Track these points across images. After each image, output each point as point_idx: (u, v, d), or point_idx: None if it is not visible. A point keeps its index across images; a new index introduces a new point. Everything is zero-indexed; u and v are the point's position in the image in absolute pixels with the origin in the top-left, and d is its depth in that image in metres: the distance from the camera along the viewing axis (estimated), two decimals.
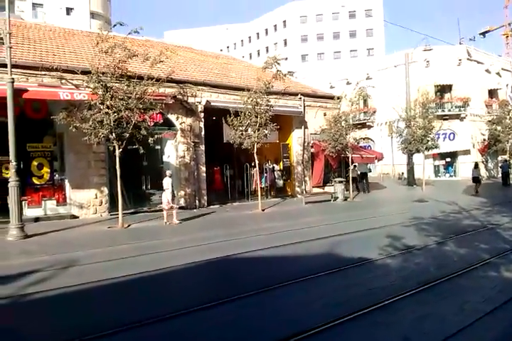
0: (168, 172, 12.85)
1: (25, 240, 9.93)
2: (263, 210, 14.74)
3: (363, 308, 4.98)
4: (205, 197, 16.19)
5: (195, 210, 15.31)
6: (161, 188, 15.80)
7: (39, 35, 16.15)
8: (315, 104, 20.11)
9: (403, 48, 32.10)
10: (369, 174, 23.93)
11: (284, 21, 65.13)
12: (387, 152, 27.67)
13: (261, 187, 16.55)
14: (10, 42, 10.50)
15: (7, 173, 11.81)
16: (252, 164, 16.49)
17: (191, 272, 7.17)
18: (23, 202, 11.81)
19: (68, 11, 48.11)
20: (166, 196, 12.34)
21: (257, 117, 14.50)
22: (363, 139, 32.74)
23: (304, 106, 19.39)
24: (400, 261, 7.33)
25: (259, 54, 69.21)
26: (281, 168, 19.25)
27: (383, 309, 5.06)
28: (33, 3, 46.38)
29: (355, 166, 20.54)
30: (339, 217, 13.08)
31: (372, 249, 8.13)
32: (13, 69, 10.58)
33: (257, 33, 71.21)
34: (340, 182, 18.08)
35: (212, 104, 16.13)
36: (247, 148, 14.65)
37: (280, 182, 19.40)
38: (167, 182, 12.40)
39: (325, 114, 19.61)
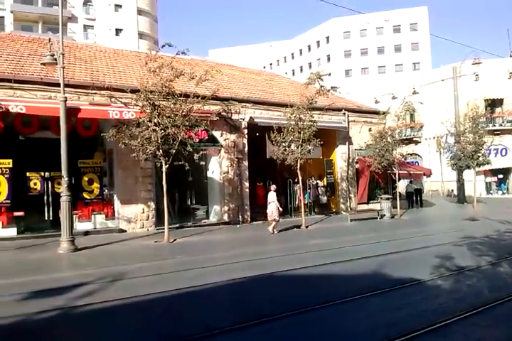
0: (272, 187, 14.05)
1: (75, 253, 10.25)
2: (307, 227, 14.58)
3: (414, 331, 4.77)
4: (249, 213, 16.23)
5: (238, 226, 15.37)
6: (205, 203, 16.14)
7: (90, 55, 16.93)
8: (359, 119, 19.89)
9: (450, 62, 31.42)
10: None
11: (327, 37, 65.32)
12: (435, 168, 26.86)
13: (304, 204, 16.40)
14: (63, 63, 11.07)
15: (59, 188, 12.36)
16: (296, 180, 16.42)
17: (234, 289, 7.13)
18: (74, 216, 12.24)
19: (117, 32, 50.36)
20: (271, 208, 13.60)
21: (300, 133, 14.47)
22: (410, 155, 31.96)
23: (348, 122, 19.22)
24: (452, 282, 7.01)
25: (302, 70, 69.57)
26: (325, 184, 19.03)
27: (434, 332, 4.83)
28: (84, 25, 48.95)
29: (410, 181, 20.19)
30: (386, 235, 12.72)
31: (422, 269, 7.84)
32: (65, 89, 11.10)
33: (300, 50, 71.73)
34: (387, 199, 17.65)
35: (255, 120, 16.29)
36: (290, 164, 14.61)
37: (324, 199, 19.17)
38: (272, 196, 13.76)
39: (370, 130, 19.32)
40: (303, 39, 70.68)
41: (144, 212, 14.00)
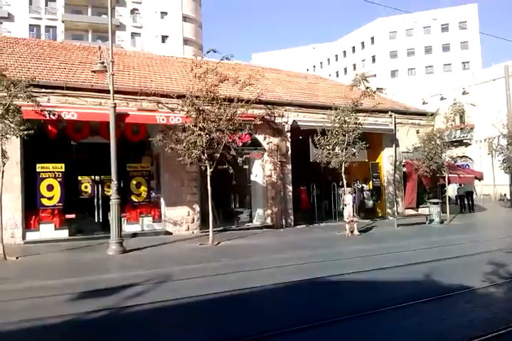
0: (347, 190, 14.56)
1: (123, 255, 10.55)
2: (352, 232, 14.33)
3: None
4: (292, 217, 16.15)
5: (281, 230, 15.32)
6: (248, 207, 16.21)
7: (138, 62, 17.41)
8: (407, 121, 19.38)
9: (502, 61, 30.05)
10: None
11: (372, 38, 64.26)
12: (487, 171, 25.72)
13: None
14: (112, 70, 11.46)
15: (109, 191, 12.77)
16: (340, 184, 16.18)
17: (278, 293, 7.11)
18: (123, 219, 12.58)
19: (163, 38, 51.65)
20: (348, 210, 14.05)
21: (344, 136, 14.26)
22: (461, 158, 30.84)
23: (395, 124, 18.76)
24: (505, 291, 6.71)
25: (346, 72, 68.76)
26: (371, 188, 18.65)
27: None
28: (131, 33, 50.53)
29: (460, 185, 19.50)
30: (435, 241, 12.31)
31: (473, 276, 7.52)
32: (115, 95, 11.48)
33: (344, 51, 70.94)
34: (436, 203, 17.07)
35: (299, 123, 16.21)
36: (334, 167, 14.42)
37: (370, 203, 18.78)
38: (348, 198, 14.26)
39: (418, 132, 18.79)
40: (347, 40, 69.87)
41: (189, 215, 14.24)
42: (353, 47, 68.64)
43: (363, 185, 18.67)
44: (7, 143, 10.18)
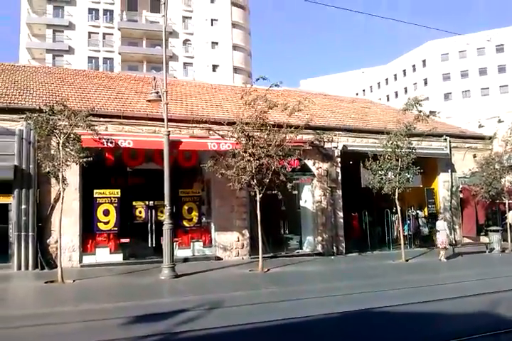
0: (441, 216, 15.43)
1: (175, 279, 10.64)
2: (407, 260, 13.77)
3: None
4: (343, 244, 15.75)
5: (332, 257, 14.96)
6: (298, 233, 16.00)
7: (190, 91, 17.99)
8: (462, 145, 18.68)
9: None
10: None
11: (424, 60, 63.40)
12: None
13: (404, 235, 15.54)
14: (167, 99, 11.91)
15: (162, 216, 13.06)
16: (393, 210, 15.70)
17: (330, 324, 6.88)
18: (175, 244, 12.75)
19: (214, 67, 53.30)
20: (441, 236, 14.30)
21: (397, 160, 13.93)
22: None
23: (450, 148, 18.13)
24: None
25: (397, 95, 67.87)
26: (426, 214, 17.93)
27: None
28: (183, 63, 52.53)
29: None
30: (497, 271, 11.59)
31: None
32: (168, 123, 11.86)
33: (395, 75, 70.27)
34: (496, 231, 16.16)
35: (349, 148, 16.02)
36: (387, 193, 14.06)
37: (425, 231, 17.99)
38: (441, 225, 14.62)
39: (474, 156, 18.04)
40: (397, 64, 69.29)
41: (239, 241, 14.24)
42: (404, 71, 67.91)
43: (418, 211, 17.99)
44: (67, 170, 10.73)
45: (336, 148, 16.01)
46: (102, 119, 12.65)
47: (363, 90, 77.69)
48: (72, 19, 49.69)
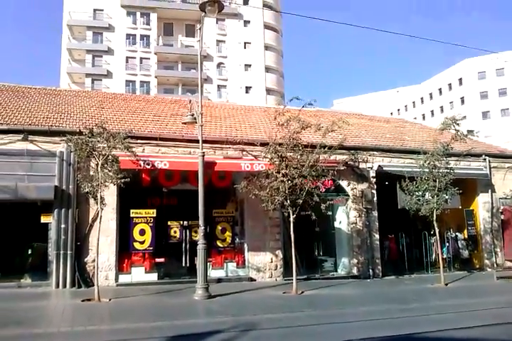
0: None
1: (209, 300, 10.60)
2: (446, 284, 13.28)
3: None
4: (380, 267, 15.35)
5: (368, 280, 14.59)
6: (332, 255, 15.71)
7: (223, 112, 18.27)
8: (503, 165, 18.08)
9: None
10: None
11: (460, 79, 62.53)
12: None
13: (443, 258, 15.03)
14: (202, 121, 12.14)
15: (196, 236, 13.16)
16: (432, 232, 15.26)
17: None
18: (208, 264, 12.77)
19: (247, 89, 54.24)
20: None
21: (435, 181, 13.61)
22: None
23: (490, 168, 17.58)
24: None
25: (432, 114, 66.93)
26: (466, 236, 17.31)
27: None
28: (217, 85, 53.68)
29: None
30: None
31: None
32: (203, 144, 12.08)
33: (430, 94, 69.47)
34: None
35: (384, 168, 15.78)
36: (425, 214, 13.71)
37: (465, 253, 17.34)
38: None
39: None
40: (433, 83, 68.55)
41: (272, 262, 14.12)
42: (440, 89, 67.06)
43: (457, 233, 17.40)
44: (105, 190, 11.03)
45: (371, 168, 15.81)
46: (139, 141, 12.97)
47: (398, 110, 77.01)
48: (111, 44, 51.90)
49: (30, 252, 12.79)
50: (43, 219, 12.35)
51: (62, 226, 12.11)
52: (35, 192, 11.89)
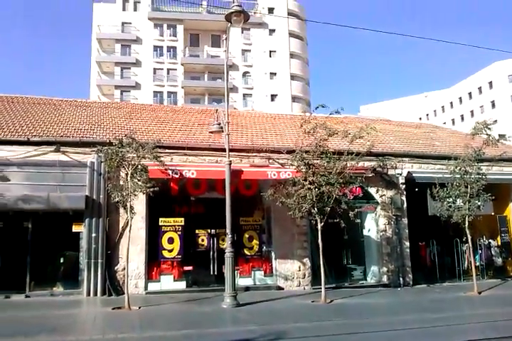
0: None
1: (237, 308, 10.59)
2: (479, 293, 12.88)
3: None
4: (410, 275, 15.02)
5: (399, 289, 14.29)
6: (361, 263, 15.47)
7: (249, 121, 18.34)
8: None
9: None
10: None
11: (490, 82, 61.13)
12: None
13: (475, 266, 14.60)
14: (228, 130, 12.23)
15: (223, 244, 13.19)
16: (464, 239, 14.86)
17: None
18: (236, 272, 12.77)
19: (272, 97, 54.46)
20: None
21: (467, 187, 13.28)
22: None
23: None
24: None
25: (462, 119, 65.55)
26: (499, 243, 16.78)
27: None
28: (243, 94, 54.09)
29: None
30: None
31: None
32: (229, 153, 12.15)
33: (460, 98, 68.09)
34: None
35: (414, 175, 15.51)
36: (456, 221, 13.38)
37: (499, 261, 16.79)
38: None
39: None
40: (462, 86, 67.20)
41: (300, 270, 14.01)
42: (470, 93, 65.68)
43: (490, 240, 16.89)
44: (135, 199, 11.21)
45: (400, 174, 15.55)
46: (167, 151, 13.14)
47: (427, 115, 75.76)
48: (139, 56, 53.11)
49: (62, 261, 13.04)
50: (75, 229, 12.64)
51: (93, 235, 12.36)
52: (67, 202, 12.20)
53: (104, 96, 50.63)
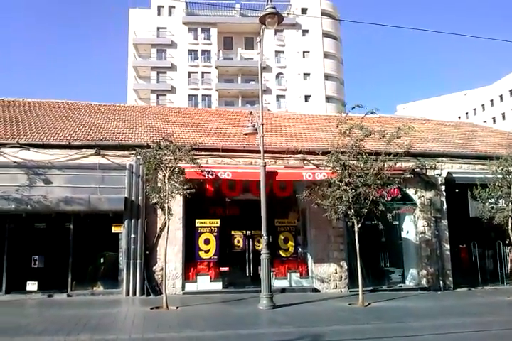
0: None
1: (273, 310, 10.58)
2: None
3: None
4: (451, 278, 14.60)
5: (439, 292, 13.92)
6: (400, 266, 15.14)
7: (283, 122, 18.29)
8: None
9: None
10: None
11: None
12: None
13: None
14: (263, 132, 12.26)
15: (259, 246, 13.24)
16: (507, 241, 14.34)
17: None
18: (272, 273, 12.77)
19: (306, 98, 54.25)
20: None
21: (509, 188, 12.82)
22: None
23: None
24: None
25: (504, 117, 63.27)
26: None
27: None
28: (276, 95, 54.14)
29: None
30: None
31: None
32: (264, 154, 12.16)
33: (500, 95, 65.79)
34: None
35: (454, 175, 15.07)
36: (499, 223, 12.92)
37: None
38: None
39: None
40: (503, 83, 64.92)
41: (336, 273, 13.86)
42: (511, 91, 63.27)
43: None
44: (172, 201, 11.41)
45: (440, 175, 15.15)
46: (202, 153, 13.31)
47: (466, 113, 73.56)
48: (174, 61, 54.05)
49: (102, 261, 13.40)
50: (114, 230, 12.99)
51: (132, 236, 12.64)
52: (106, 204, 12.54)
53: (141, 100, 51.81)
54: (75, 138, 13.47)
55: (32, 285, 12.46)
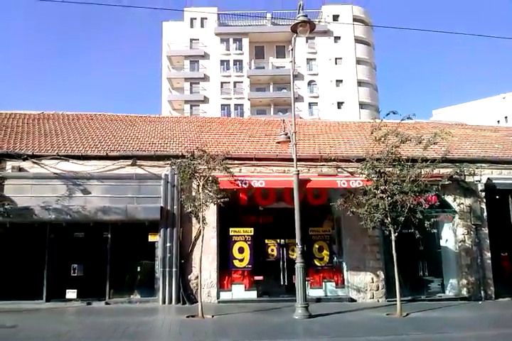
0: None
1: (309, 320, 10.46)
2: None
3: None
4: (492, 288, 14.05)
5: (480, 302, 13.43)
6: (439, 275, 14.70)
7: (316, 130, 18.16)
8: None
9: None
10: None
11: None
12: None
13: None
14: (295, 140, 12.25)
15: (293, 255, 13.16)
16: None
17: None
18: (307, 283, 12.64)
19: (339, 105, 53.90)
20: None
21: None
22: None
23: None
24: None
25: None
26: None
27: None
28: (308, 103, 54.04)
29: None
30: None
31: None
32: (297, 163, 12.13)
33: None
34: None
35: (494, 181, 14.58)
36: None
37: None
38: None
39: None
40: None
41: (373, 282, 13.59)
42: None
43: None
44: (206, 210, 11.52)
45: (479, 181, 14.68)
46: (236, 162, 13.41)
47: (505, 117, 71.16)
48: (206, 71, 54.91)
49: (139, 269, 13.60)
50: (151, 238, 13.21)
51: (168, 244, 12.82)
52: (143, 213, 12.79)
53: (175, 111, 52.82)
54: (112, 149, 13.84)
55: (71, 293, 12.80)
